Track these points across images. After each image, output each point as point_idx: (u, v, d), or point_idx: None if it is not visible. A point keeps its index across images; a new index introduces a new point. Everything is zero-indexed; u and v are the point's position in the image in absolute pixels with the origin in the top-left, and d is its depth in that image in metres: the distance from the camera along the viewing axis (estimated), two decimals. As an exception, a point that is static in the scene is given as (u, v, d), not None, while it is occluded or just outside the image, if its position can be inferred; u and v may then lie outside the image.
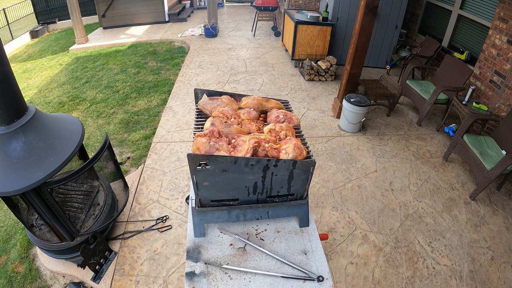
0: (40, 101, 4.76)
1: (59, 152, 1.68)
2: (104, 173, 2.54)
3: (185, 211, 2.59)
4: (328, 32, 5.01)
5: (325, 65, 4.92)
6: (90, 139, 3.64)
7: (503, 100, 3.33)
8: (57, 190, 2.30)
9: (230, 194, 1.27)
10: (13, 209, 1.82)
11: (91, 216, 2.20)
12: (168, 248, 2.29)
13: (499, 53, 3.37)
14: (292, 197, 1.34)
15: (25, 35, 8.73)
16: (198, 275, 1.17)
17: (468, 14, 4.10)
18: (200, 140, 1.22)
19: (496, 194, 2.89)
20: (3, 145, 1.59)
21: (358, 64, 3.54)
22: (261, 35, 7.45)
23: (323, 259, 1.25)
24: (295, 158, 1.20)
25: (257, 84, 4.88)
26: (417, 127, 3.88)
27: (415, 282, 2.12)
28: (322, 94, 4.64)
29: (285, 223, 1.41)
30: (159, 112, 4.12)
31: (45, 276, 2.19)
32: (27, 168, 1.58)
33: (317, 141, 3.56)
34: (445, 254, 2.31)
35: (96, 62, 6.03)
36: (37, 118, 1.71)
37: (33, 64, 6.61)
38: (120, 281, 2.07)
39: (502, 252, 2.35)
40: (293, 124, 1.47)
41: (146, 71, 5.49)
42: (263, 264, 1.22)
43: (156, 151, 3.32)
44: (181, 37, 7.19)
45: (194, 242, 1.30)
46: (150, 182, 2.89)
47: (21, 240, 2.42)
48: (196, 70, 5.38)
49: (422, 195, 2.84)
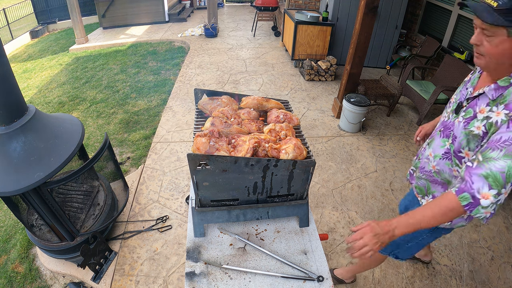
0: (40, 101, 4.76)
1: (59, 152, 1.68)
2: (104, 173, 2.54)
3: (185, 211, 2.59)
4: (328, 32, 5.01)
5: (325, 65, 4.92)
6: (90, 139, 3.64)
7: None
8: (57, 190, 2.30)
9: (230, 194, 1.27)
10: (13, 209, 1.82)
11: (91, 216, 2.20)
12: (168, 248, 2.29)
13: (499, 53, 3.37)
14: (292, 197, 1.34)
15: (25, 35, 8.73)
16: (198, 275, 1.17)
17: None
18: (200, 140, 1.22)
19: (496, 194, 2.89)
20: (3, 145, 1.59)
21: (358, 64, 3.54)
22: (261, 35, 7.45)
23: (323, 259, 1.25)
24: (295, 158, 1.20)
25: (257, 84, 4.88)
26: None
27: (415, 282, 2.12)
28: (322, 94, 4.64)
29: (285, 223, 1.41)
30: (159, 112, 4.12)
31: (45, 276, 2.19)
32: (27, 168, 1.58)
33: (317, 141, 3.56)
34: (445, 254, 2.31)
35: (96, 62, 6.03)
36: (37, 118, 1.71)
37: (33, 64, 6.61)
38: (120, 281, 2.07)
39: (502, 252, 2.35)
40: (293, 124, 1.47)
41: (146, 71, 5.49)
42: (263, 264, 1.22)
43: (156, 151, 3.32)
44: (181, 37, 7.19)
45: (194, 242, 1.30)
46: (150, 182, 2.89)
47: (21, 240, 2.42)
48: (196, 70, 5.38)
49: (422, 195, 2.84)
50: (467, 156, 1.14)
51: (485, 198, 0.93)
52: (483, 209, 0.94)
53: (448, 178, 1.26)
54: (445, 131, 1.25)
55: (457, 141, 1.15)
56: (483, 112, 1.06)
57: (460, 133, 1.13)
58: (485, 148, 0.99)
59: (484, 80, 1.13)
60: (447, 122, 1.26)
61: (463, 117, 1.14)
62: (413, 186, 1.50)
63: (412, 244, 1.50)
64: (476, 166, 0.98)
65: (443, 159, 1.24)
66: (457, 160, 1.18)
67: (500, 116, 0.98)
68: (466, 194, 0.96)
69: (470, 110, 1.12)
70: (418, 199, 1.45)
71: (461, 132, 1.13)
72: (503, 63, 1.00)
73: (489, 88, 1.06)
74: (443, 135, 1.26)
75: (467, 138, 1.10)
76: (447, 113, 1.31)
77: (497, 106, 1.01)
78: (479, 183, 0.94)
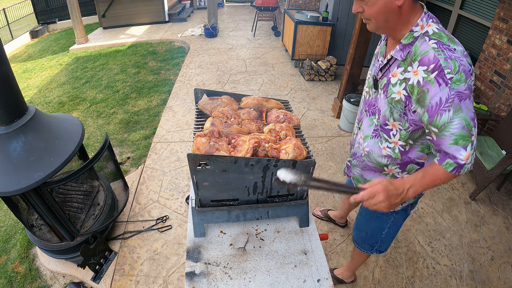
0: (40, 101, 4.76)
1: (59, 152, 1.68)
2: (104, 173, 2.54)
3: (185, 211, 2.59)
4: (328, 32, 5.01)
5: (325, 65, 4.92)
6: (90, 139, 3.64)
7: (503, 100, 3.33)
8: (57, 190, 2.30)
9: (230, 194, 1.27)
10: (13, 209, 1.82)
11: (91, 216, 2.20)
12: (168, 248, 2.29)
13: (499, 53, 3.37)
14: (292, 197, 1.34)
15: (25, 35, 8.73)
16: (198, 275, 1.17)
17: (468, 14, 4.10)
18: (200, 140, 1.22)
19: (496, 194, 2.89)
20: (3, 145, 1.59)
21: (358, 64, 3.54)
22: (261, 35, 7.45)
23: (323, 259, 1.25)
24: (295, 158, 1.20)
25: (257, 84, 4.88)
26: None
27: (415, 282, 2.12)
28: (322, 94, 4.64)
29: (285, 223, 1.41)
30: (159, 112, 4.12)
31: (45, 276, 2.19)
32: (27, 168, 1.58)
33: (317, 141, 3.56)
34: (445, 254, 2.31)
35: (96, 62, 6.03)
36: (37, 118, 1.71)
37: (33, 64, 6.61)
38: (120, 281, 2.07)
39: (502, 252, 2.35)
40: (293, 124, 1.47)
41: (146, 71, 5.49)
42: (263, 264, 1.22)
43: (156, 151, 3.32)
44: (181, 37, 7.19)
45: (194, 242, 1.30)
46: (150, 182, 2.89)
47: (21, 240, 2.42)
48: (196, 70, 5.38)
49: (422, 195, 2.84)
50: (394, 128, 1.12)
51: (467, 158, 0.94)
52: (468, 165, 0.95)
53: (378, 159, 1.24)
54: (370, 109, 1.23)
55: (382, 113, 1.13)
56: (396, 75, 1.03)
57: (384, 104, 1.11)
58: (431, 117, 0.95)
59: (391, 45, 1.10)
60: (369, 100, 1.24)
61: (381, 88, 1.12)
62: (351, 179, 1.51)
63: (388, 230, 1.49)
64: (438, 139, 0.97)
65: (373, 138, 1.23)
66: (385, 135, 1.17)
67: (420, 75, 0.94)
68: (449, 161, 0.97)
69: (385, 79, 1.10)
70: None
71: (384, 103, 1.11)
72: (388, 20, 0.98)
73: (395, 50, 1.04)
74: (369, 114, 1.24)
75: (390, 107, 1.08)
76: (366, 92, 1.29)
77: (411, 66, 0.97)
78: (455, 151, 0.94)
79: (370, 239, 1.59)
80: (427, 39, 0.94)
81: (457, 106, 0.90)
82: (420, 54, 0.94)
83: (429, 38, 0.94)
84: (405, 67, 1.00)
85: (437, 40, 0.92)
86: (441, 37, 0.93)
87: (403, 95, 1.01)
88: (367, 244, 1.63)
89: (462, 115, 0.90)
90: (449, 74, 0.88)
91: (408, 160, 1.19)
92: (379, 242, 1.57)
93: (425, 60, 0.92)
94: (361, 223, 1.61)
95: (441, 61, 0.89)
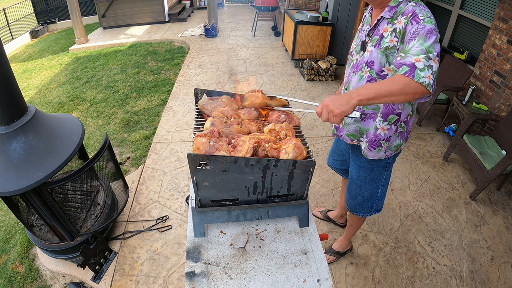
0: (40, 101, 4.76)
1: (59, 152, 1.68)
2: (104, 173, 2.54)
3: (185, 211, 2.59)
4: (328, 32, 5.01)
5: (325, 65, 4.92)
6: (90, 139, 3.64)
7: (503, 100, 3.33)
8: (57, 190, 2.30)
9: (230, 194, 1.27)
10: (13, 209, 1.82)
11: (91, 216, 2.20)
12: (168, 248, 2.29)
13: (499, 53, 3.37)
14: (292, 197, 1.34)
15: (25, 35, 8.73)
16: (198, 275, 1.17)
17: (468, 14, 4.10)
18: (200, 140, 1.22)
19: (496, 194, 2.89)
20: (3, 145, 1.59)
21: (358, 64, 3.54)
22: (261, 35, 7.45)
23: (323, 259, 1.25)
24: (295, 158, 1.20)
25: (257, 84, 4.88)
26: (417, 127, 3.88)
27: (415, 282, 2.12)
28: (322, 94, 4.64)
29: (285, 223, 1.41)
30: (159, 112, 4.12)
31: (45, 276, 2.19)
32: (27, 168, 1.58)
33: (317, 141, 3.56)
34: (445, 254, 2.31)
35: (96, 62, 6.03)
36: (37, 118, 1.71)
37: (33, 64, 6.62)
38: (120, 281, 2.07)
39: (502, 252, 2.35)
40: (294, 124, 1.47)
41: (146, 71, 5.49)
42: (263, 264, 1.22)
43: (156, 151, 3.32)
44: (181, 37, 7.19)
45: (194, 242, 1.30)
46: (150, 182, 2.89)
47: (21, 240, 2.42)
48: (196, 70, 5.38)
49: (422, 195, 2.84)
50: (389, 72, 1.29)
51: (418, 61, 1.06)
52: (421, 72, 1.04)
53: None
54: (358, 68, 1.40)
55: (376, 63, 1.31)
56: (387, 30, 1.26)
57: (376, 55, 1.30)
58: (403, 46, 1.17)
59: (376, 14, 1.34)
60: (356, 63, 1.42)
61: (372, 46, 1.32)
62: (343, 136, 1.61)
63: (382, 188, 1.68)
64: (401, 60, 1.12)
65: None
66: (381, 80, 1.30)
67: (402, 22, 1.20)
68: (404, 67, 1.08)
69: (376, 37, 1.31)
70: (354, 143, 1.58)
71: (376, 54, 1.29)
72: None
73: (384, 11, 1.28)
74: (357, 72, 1.41)
75: (385, 54, 1.27)
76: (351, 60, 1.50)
77: (397, 19, 1.23)
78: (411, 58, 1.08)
79: (367, 202, 1.73)
80: (408, 2, 1.23)
81: (423, 36, 1.10)
82: (403, 10, 1.23)
83: (409, 1, 1.24)
84: (393, 22, 1.25)
85: (415, 3, 1.22)
86: (418, 1, 1.24)
87: (395, 41, 1.24)
88: (366, 207, 1.76)
89: (425, 45, 1.08)
90: (421, 16, 1.15)
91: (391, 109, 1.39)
92: (376, 202, 1.73)
93: (406, 12, 1.21)
94: (354, 191, 1.75)
95: (417, 10, 1.18)
